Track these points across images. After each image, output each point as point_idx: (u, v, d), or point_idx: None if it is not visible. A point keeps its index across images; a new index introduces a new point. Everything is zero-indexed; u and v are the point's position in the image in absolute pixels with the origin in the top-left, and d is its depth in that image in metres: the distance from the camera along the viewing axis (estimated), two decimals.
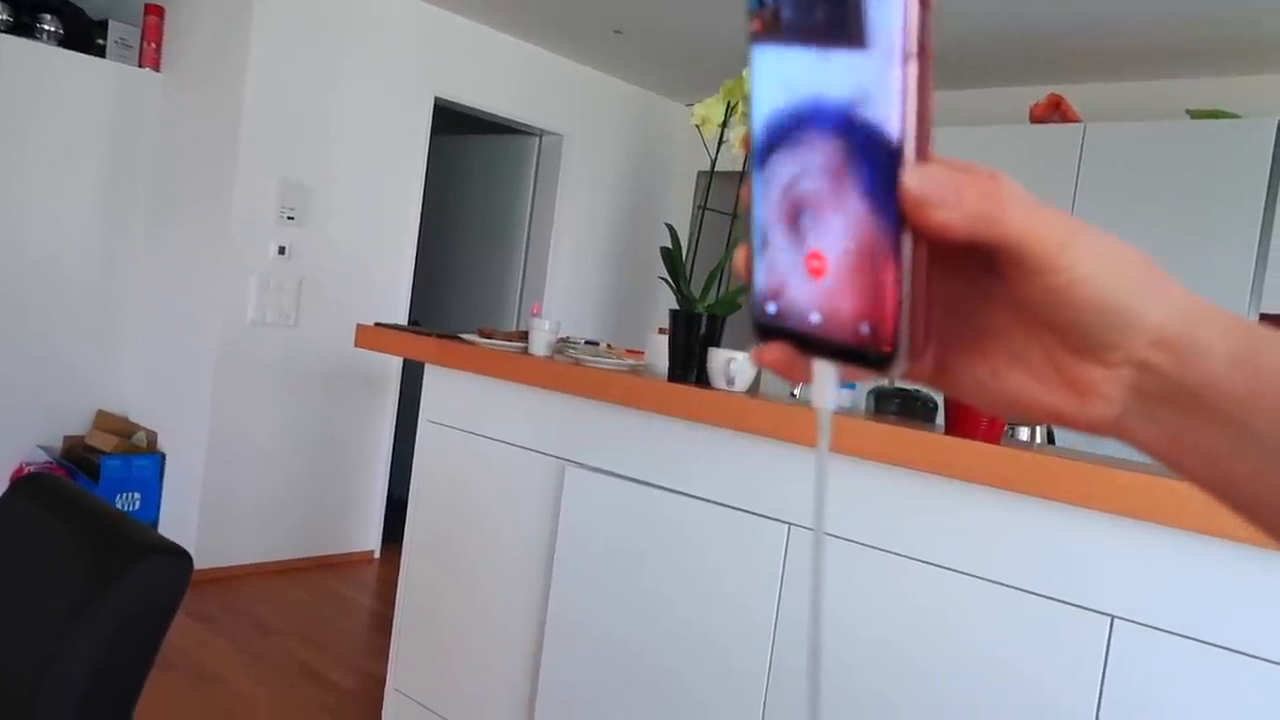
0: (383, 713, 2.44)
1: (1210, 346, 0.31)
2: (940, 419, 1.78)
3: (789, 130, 0.32)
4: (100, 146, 3.87)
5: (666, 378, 1.95)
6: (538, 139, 4.76)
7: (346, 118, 3.92)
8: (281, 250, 3.77)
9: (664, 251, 1.94)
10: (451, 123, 4.77)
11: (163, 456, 3.86)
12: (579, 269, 4.88)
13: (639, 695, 1.88)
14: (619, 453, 1.97)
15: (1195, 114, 3.33)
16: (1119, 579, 1.36)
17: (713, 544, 1.80)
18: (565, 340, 2.47)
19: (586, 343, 2.60)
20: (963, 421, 1.53)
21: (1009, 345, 0.34)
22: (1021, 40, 3.57)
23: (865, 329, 0.30)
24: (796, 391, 2.30)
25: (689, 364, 1.93)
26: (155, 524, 3.89)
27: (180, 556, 0.78)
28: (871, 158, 0.30)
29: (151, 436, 3.92)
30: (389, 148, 4.08)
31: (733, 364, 1.80)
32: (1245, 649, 1.25)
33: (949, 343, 0.35)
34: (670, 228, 1.99)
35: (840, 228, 0.30)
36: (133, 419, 4.01)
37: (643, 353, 2.41)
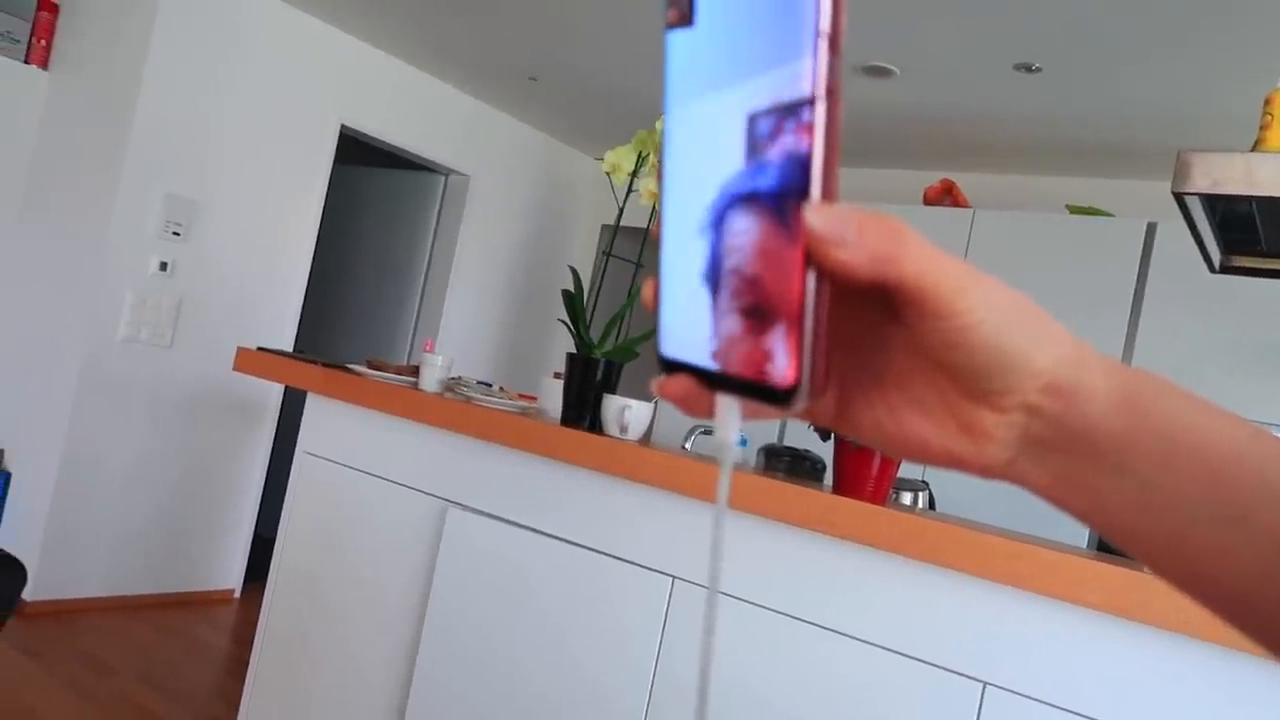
0: None
1: (1094, 390, 0.32)
2: (828, 479, 1.79)
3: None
4: None
5: (559, 422, 1.91)
6: (444, 177, 4.71)
7: (245, 135, 3.79)
8: (163, 266, 3.59)
9: (565, 294, 1.92)
10: (357, 153, 4.68)
11: (8, 475, 3.58)
12: (475, 310, 4.81)
13: None
14: (505, 496, 1.91)
15: (1074, 209, 3.54)
16: (991, 645, 1.38)
17: (596, 594, 1.76)
18: (457, 379, 2.41)
19: (479, 383, 2.54)
20: (850, 482, 1.54)
21: (907, 388, 0.34)
22: (918, 127, 3.74)
23: (768, 366, 0.30)
24: (688, 445, 2.29)
25: (583, 409, 1.90)
26: None
27: (12, 565, 0.71)
28: (780, 196, 0.30)
29: None
30: (288, 170, 3.96)
31: (627, 412, 1.78)
32: (1105, 717, 1.28)
33: (849, 384, 0.35)
34: (573, 270, 1.98)
35: (746, 264, 0.30)
36: None
37: (535, 397, 2.37)
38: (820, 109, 0.29)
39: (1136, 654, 1.28)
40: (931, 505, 2.11)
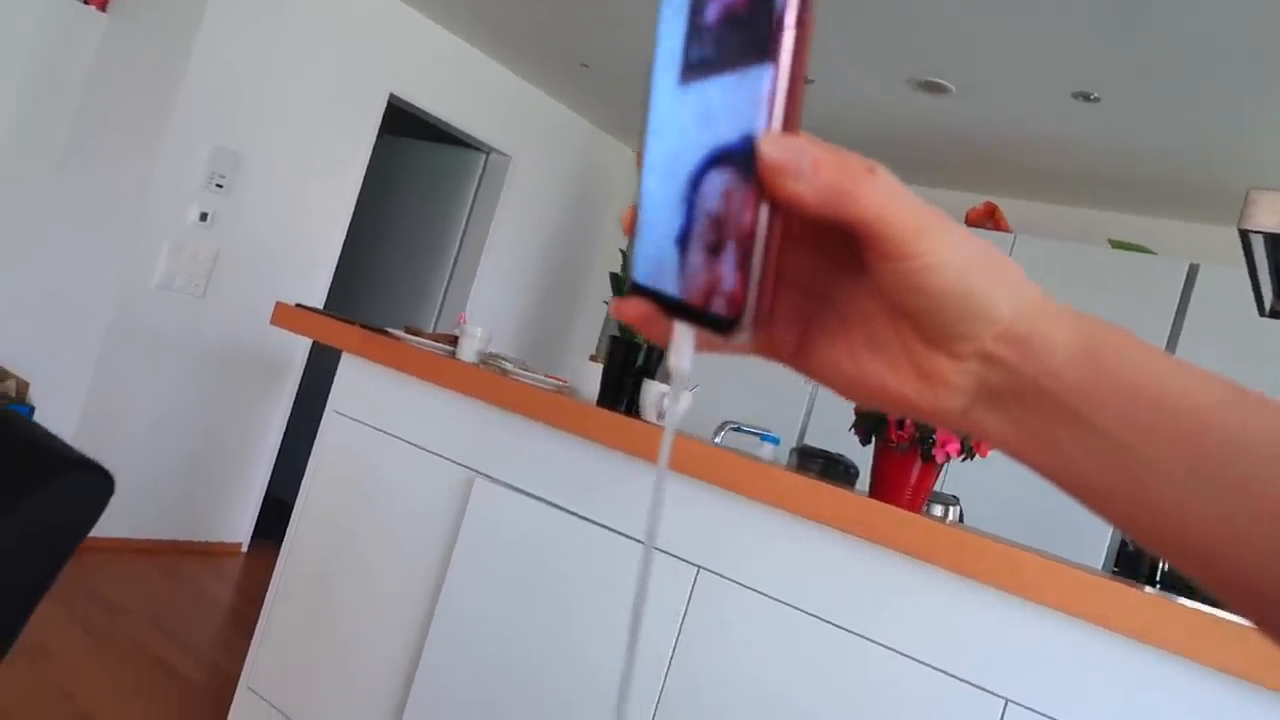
0: (231, 711, 2.29)
1: (1052, 341, 0.31)
2: (860, 484, 1.79)
3: (678, 93, 0.32)
4: (24, 77, 3.66)
5: (595, 404, 1.92)
6: (485, 155, 4.72)
7: (296, 95, 3.81)
8: (204, 217, 3.61)
9: (613, 276, 1.93)
10: (401, 125, 4.69)
11: (31, 409, 3.60)
12: (503, 291, 4.82)
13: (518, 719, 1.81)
14: (534, 472, 1.92)
15: (1116, 244, 3.52)
16: (1015, 662, 1.38)
17: (616, 577, 1.76)
18: (493, 355, 2.42)
19: (515, 358, 2.54)
20: (889, 488, 1.54)
21: (868, 331, 0.34)
22: (967, 146, 3.73)
23: (715, 294, 0.30)
24: (719, 439, 2.29)
25: (620, 393, 1.90)
26: None
27: (103, 475, 0.71)
28: (741, 126, 0.30)
29: (22, 387, 3.66)
30: (335, 134, 3.98)
31: (667, 399, 1.78)
32: None
33: (812, 324, 0.35)
34: (624, 252, 1.98)
35: (708, 194, 0.31)
36: (4, 364, 3.74)
37: (565, 380, 2.38)
38: (788, 38, 0.29)
39: (1155, 679, 1.27)
40: (961, 520, 2.11)
